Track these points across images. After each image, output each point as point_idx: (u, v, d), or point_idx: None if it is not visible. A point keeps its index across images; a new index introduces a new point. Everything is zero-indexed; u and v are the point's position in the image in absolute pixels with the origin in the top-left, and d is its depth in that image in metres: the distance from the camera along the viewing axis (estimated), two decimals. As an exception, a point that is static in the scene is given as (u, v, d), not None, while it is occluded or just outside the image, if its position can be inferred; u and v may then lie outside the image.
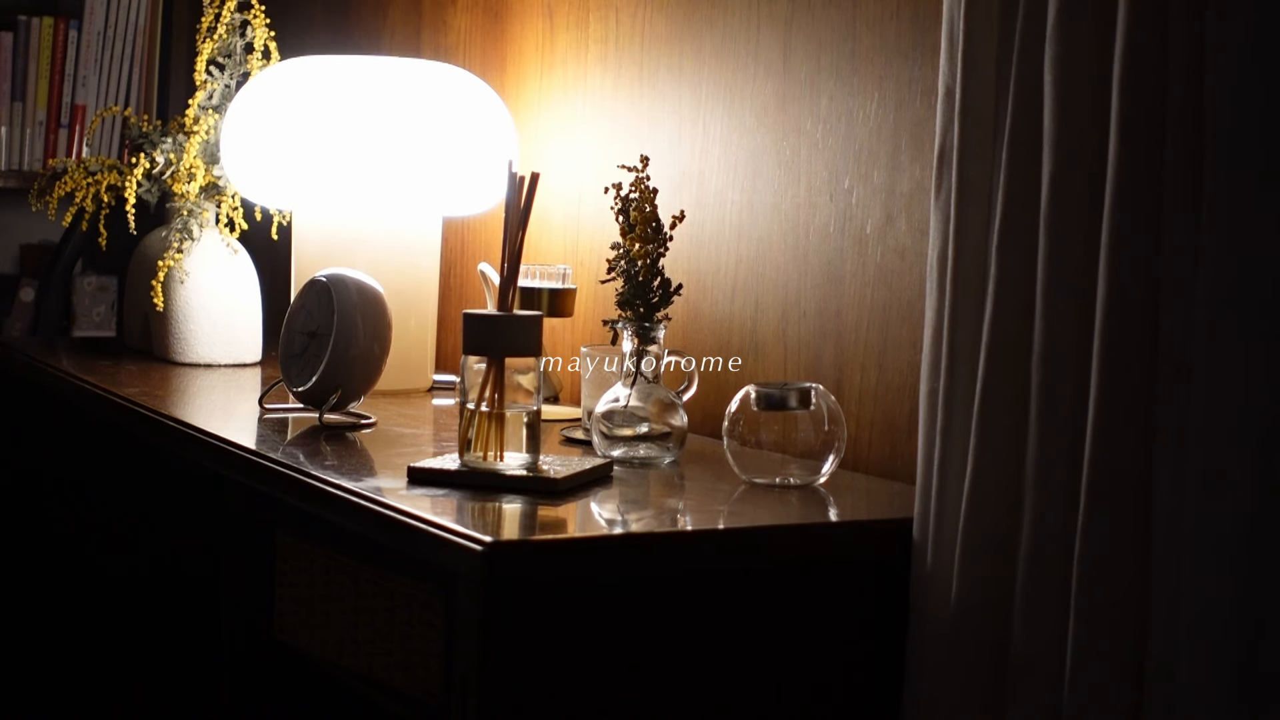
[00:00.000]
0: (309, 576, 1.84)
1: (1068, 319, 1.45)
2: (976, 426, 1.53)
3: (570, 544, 1.52)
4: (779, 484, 1.74)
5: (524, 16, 2.56)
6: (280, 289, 2.68)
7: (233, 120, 2.42)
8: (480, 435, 1.69)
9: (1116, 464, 1.40)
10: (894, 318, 1.86)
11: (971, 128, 1.56)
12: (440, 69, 2.43)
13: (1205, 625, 1.33)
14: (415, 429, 2.08)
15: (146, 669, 2.70)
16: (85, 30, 3.29)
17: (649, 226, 1.86)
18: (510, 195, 1.73)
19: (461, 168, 2.35)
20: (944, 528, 1.57)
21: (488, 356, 1.69)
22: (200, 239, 2.60)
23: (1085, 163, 1.45)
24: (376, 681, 1.72)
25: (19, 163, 3.27)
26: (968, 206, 1.56)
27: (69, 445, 2.75)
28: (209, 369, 2.58)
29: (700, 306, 2.15)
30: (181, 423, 2.03)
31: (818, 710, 1.61)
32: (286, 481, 1.75)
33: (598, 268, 2.33)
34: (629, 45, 2.31)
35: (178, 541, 2.66)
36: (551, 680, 1.48)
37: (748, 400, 1.75)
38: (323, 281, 2.07)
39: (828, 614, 1.61)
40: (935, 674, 1.56)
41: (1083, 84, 1.44)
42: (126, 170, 2.62)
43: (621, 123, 2.32)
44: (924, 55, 1.83)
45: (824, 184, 1.96)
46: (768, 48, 2.05)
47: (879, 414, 1.87)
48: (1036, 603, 1.47)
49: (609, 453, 1.83)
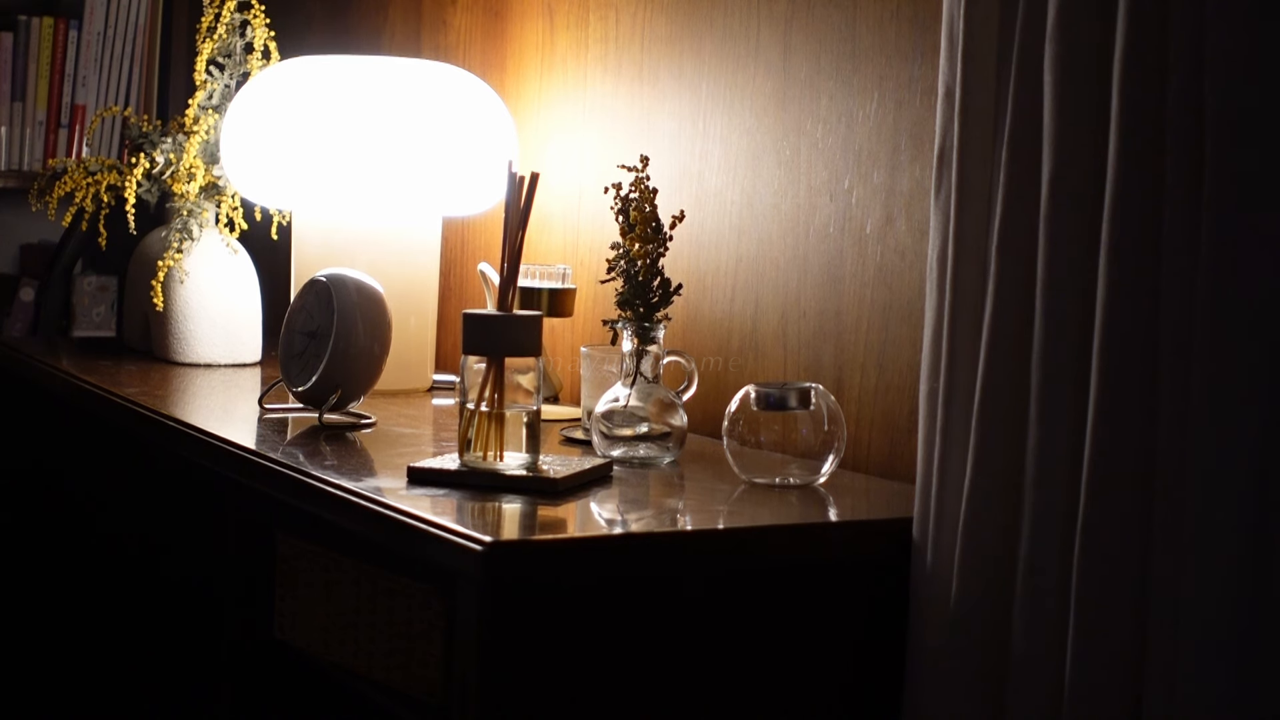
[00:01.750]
0: (309, 576, 1.84)
1: (1068, 319, 1.45)
2: (976, 426, 1.53)
3: (570, 544, 1.52)
4: (779, 484, 1.74)
5: (524, 16, 2.56)
6: (280, 289, 2.68)
7: (233, 120, 2.41)
8: (480, 435, 1.69)
9: (1116, 464, 1.40)
10: (894, 318, 1.86)
11: (971, 128, 1.56)
12: (440, 69, 2.43)
13: (1205, 625, 1.33)
14: (415, 429, 2.08)
15: (146, 669, 2.70)
16: (85, 30, 3.29)
17: (649, 226, 1.86)
18: (510, 195, 1.73)
19: (461, 168, 2.35)
20: (944, 528, 1.57)
21: (488, 356, 1.69)
22: (200, 239, 2.60)
23: (1085, 163, 1.44)
24: (376, 681, 1.72)
25: (19, 163, 3.27)
26: (968, 206, 1.56)
27: (68, 445, 2.75)
28: (209, 369, 2.58)
29: (700, 306, 2.15)
30: (181, 423, 2.03)
31: (818, 710, 1.61)
32: (286, 481, 1.75)
33: (598, 268, 2.33)
34: (629, 45, 2.31)
35: (177, 541, 2.65)
36: (551, 680, 1.48)
37: (748, 400, 1.75)
38: (323, 281, 2.07)
39: (828, 614, 1.61)
40: (935, 674, 1.56)
41: (1083, 84, 1.44)
42: (126, 170, 2.62)
43: (621, 123, 2.32)
44: (924, 55, 1.83)
45: (824, 184, 1.96)
46: (768, 48, 2.05)
47: (879, 414, 1.87)
48: (1036, 603, 1.47)
49: (609, 453, 1.83)
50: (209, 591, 2.56)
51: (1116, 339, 1.40)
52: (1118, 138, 1.39)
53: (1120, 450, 1.40)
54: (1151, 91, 1.38)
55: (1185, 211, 1.35)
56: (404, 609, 1.66)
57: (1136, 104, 1.39)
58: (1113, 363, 1.40)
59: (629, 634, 1.51)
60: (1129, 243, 1.39)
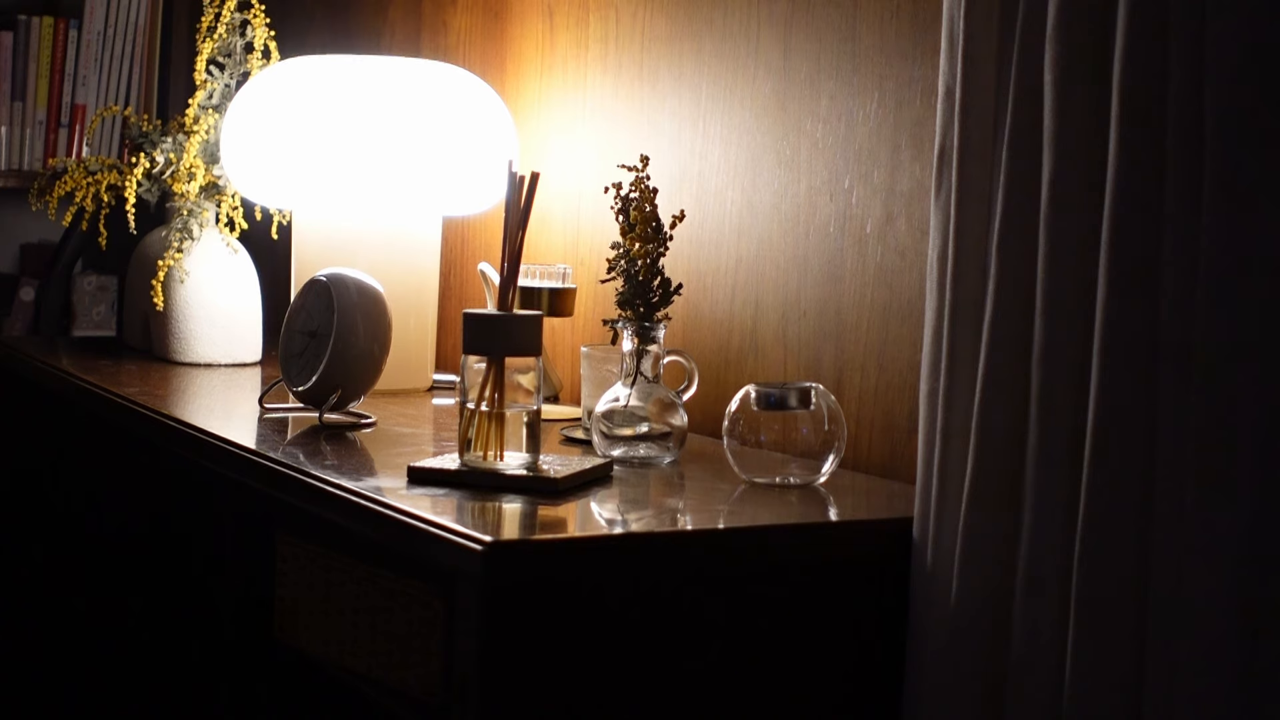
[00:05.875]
0: (309, 576, 1.84)
1: (1068, 319, 1.45)
2: (976, 426, 1.53)
3: (570, 544, 1.52)
4: (779, 484, 1.74)
5: (524, 16, 2.56)
6: (280, 289, 2.68)
7: (233, 120, 2.42)
8: (480, 435, 1.69)
9: (1116, 464, 1.40)
10: (894, 318, 1.86)
11: (971, 128, 1.56)
12: (440, 69, 2.43)
13: (1205, 625, 1.33)
14: (415, 429, 2.08)
15: (146, 669, 2.70)
16: (85, 30, 3.29)
17: (649, 226, 1.86)
18: (510, 195, 1.73)
19: (461, 168, 2.35)
20: (944, 528, 1.57)
21: (488, 356, 1.69)
22: (200, 239, 2.60)
23: (1085, 163, 1.45)
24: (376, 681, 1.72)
25: (19, 162, 3.27)
26: (968, 206, 1.56)
27: (69, 445, 2.75)
28: (209, 369, 2.58)
29: (700, 306, 2.15)
30: (182, 422, 2.03)
31: (818, 710, 1.61)
32: (286, 481, 1.75)
33: (598, 267, 2.33)
34: (629, 45, 2.31)
35: (177, 541, 2.65)
36: (551, 679, 1.48)
37: (748, 400, 1.75)
38: (323, 281, 2.07)
39: (828, 614, 1.61)
40: (935, 674, 1.56)
41: (1083, 84, 1.44)
42: (126, 170, 2.62)
43: (621, 123, 2.32)
44: (924, 55, 1.83)
45: (824, 183, 1.96)
46: (767, 47, 2.05)
47: (879, 414, 1.87)
48: (1036, 603, 1.47)
49: (609, 452, 1.83)
50: (209, 591, 2.56)
51: (1116, 338, 1.40)
52: (1118, 138, 1.39)
53: (1120, 450, 1.40)
54: (1151, 91, 1.38)
55: (1185, 211, 1.35)
56: (404, 609, 1.66)
57: (1136, 104, 1.39)
58: (1112, 362, 1.40)
59: (629, 634, 1.51)
60: (1129, 243, 1.39)
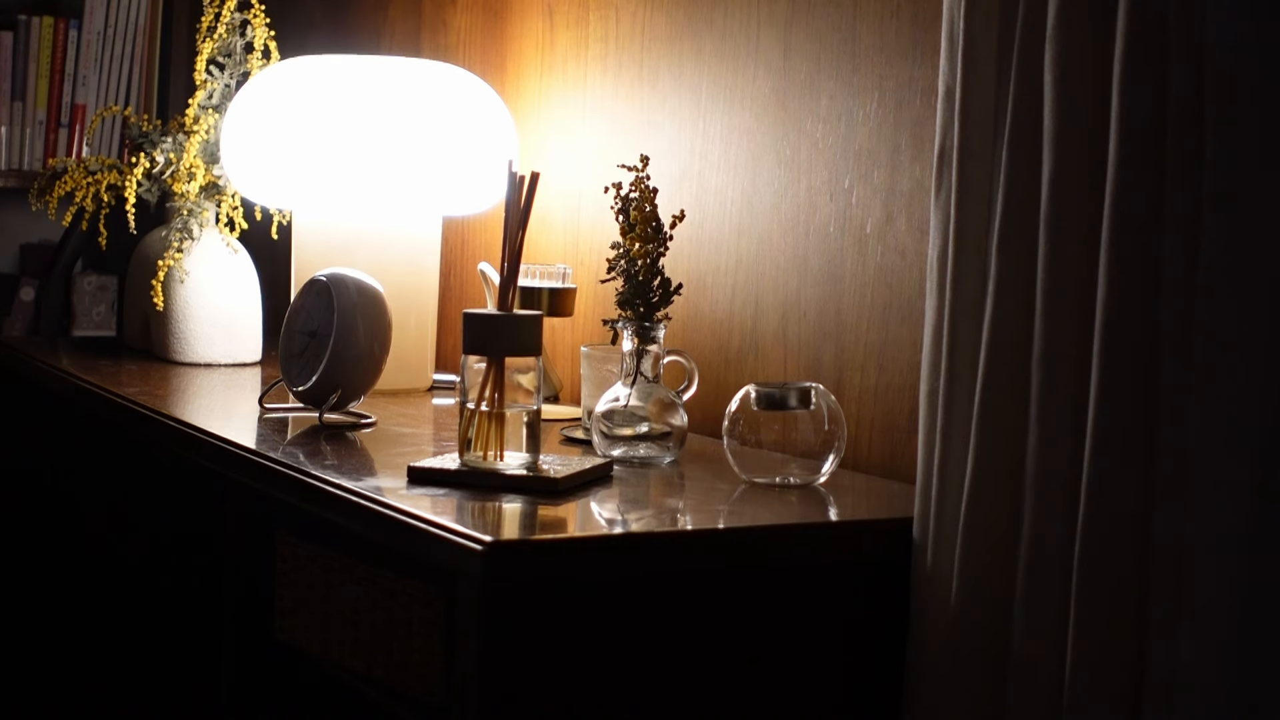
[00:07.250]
0: (309, 576, 1.84)
1: (1068, 319, 1.45)
2: (976, 426, 1.53)
3: (570, 544, 1.52)
4: (779, 484, 1.74)
5: (524, 16, 2.56)
6: (280, 289, 2.68)
7: (233, 120, 2.42)
8: (480, 435, 1.69)
9: (1116, 464, 1.40)
10: (894, 318, 1.86)
11: (971, 128, 1.56)
12: (440, 69, 2.43)
13: (1205, 625, 1.33)
14: (415, 429, 2.08)
15: (146, 669, 2.70)
16: (85, 30, 3.29)
17: (649, 226, 1.86)
18: (510, 195, 1.73)
19: (461, 168, 2.35)
20: (944, 528, 1.57)
21: (488, 356, 1.69)
22: (200, 239, 2.60)
23: (1085, 163, 1.45)
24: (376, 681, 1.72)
25: (19, 162, 3.27)
26: (968, 206, 1.56)
27: (69, 445, 2.75)
28: (209, 369, 2.58)
29: (700, 306, 2.15)
30: (182, 422, 2.03)
31: (818, 710, 1.61)
32: (286, 481, 1.75)
33: (598, 267, 2.33)
34: (629, 45, 2.31)
35: (177, 541, 2.65)
36: (551, 680, 1.48)
37: (748, 400, 1.75)
38: (323, 281, 2.07)
39: (828, 614, 1.61)
40: (935, 674, 1.56)
41: (1083, 84, 1.44)
42: (126, 170, 2.62)
43: (621, 123, 2.32)
44: (924, 55, 1.83)
45: (824, 183, 1.96)
46: (767, 47, 2.05)
47: (879, 414, 1.87)
48: (1036, 602, 1.47)
49: (609, 452, 1.83)
50: (209, 591, 2.56)
51: (1116, 338, 1.40)
52: (1118, 138, 1.39)
53: (1120, 450, 1.40)
54: (1151, 91, 1.38)
55: (1185, 211, 1.35)
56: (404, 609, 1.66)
57: (1136, 104, 1.39)
58: (1113, 362, 1.40)
59: (629, 634, 1.51)
60: (1129, 243, 1.39)
